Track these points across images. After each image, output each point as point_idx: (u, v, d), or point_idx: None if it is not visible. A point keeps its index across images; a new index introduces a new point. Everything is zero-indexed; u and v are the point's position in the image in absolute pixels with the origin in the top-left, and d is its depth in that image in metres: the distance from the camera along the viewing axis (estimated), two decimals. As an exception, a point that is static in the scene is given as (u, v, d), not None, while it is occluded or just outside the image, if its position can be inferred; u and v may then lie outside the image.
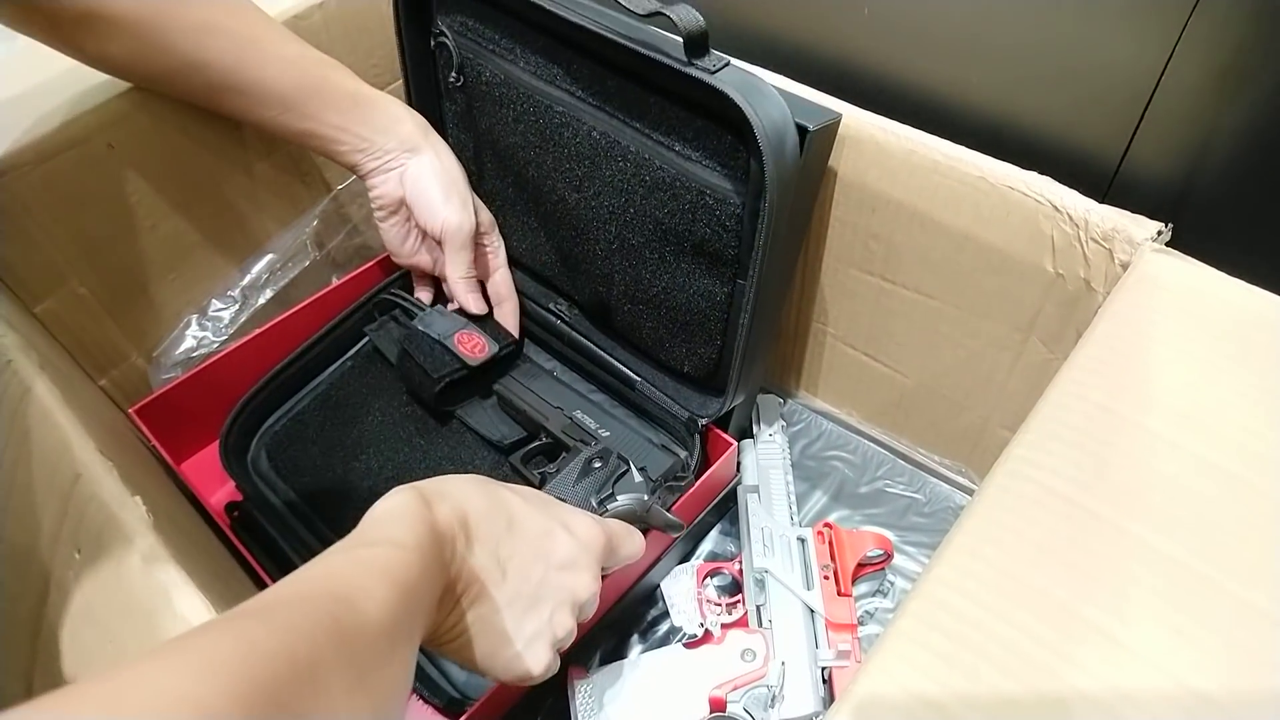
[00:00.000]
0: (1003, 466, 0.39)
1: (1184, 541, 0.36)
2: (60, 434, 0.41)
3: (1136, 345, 0.43)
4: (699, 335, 0.60)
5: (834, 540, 0.63)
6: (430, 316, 0.69)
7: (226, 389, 0.69)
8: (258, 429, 0.71)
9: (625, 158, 0.56)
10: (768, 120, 0.46)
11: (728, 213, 0.52)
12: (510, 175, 0.67)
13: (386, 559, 0.34)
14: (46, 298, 0.62)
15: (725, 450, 0.63)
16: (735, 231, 0.52)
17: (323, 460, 0.69)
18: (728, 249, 0.53)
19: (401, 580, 0.33)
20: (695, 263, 0.56)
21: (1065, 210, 0.51)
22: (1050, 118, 0.66)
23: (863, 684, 0.33)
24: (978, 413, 0.66)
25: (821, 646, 0.58)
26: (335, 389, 0.73)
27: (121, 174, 0.63)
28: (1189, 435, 0.39)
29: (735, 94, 0.45)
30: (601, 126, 0.57)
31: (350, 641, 0.30)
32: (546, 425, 0.65)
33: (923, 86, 0.70)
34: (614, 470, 0.55)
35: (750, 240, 0.51)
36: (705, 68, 0.47)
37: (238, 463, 0.68)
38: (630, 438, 0.63)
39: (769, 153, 0.46)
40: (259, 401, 0.70)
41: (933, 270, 0.60)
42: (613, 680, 0.58)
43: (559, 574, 0.43)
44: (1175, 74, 0.58)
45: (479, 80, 0.64)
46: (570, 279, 0.69)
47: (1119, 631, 0.33)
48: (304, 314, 0.73)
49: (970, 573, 0.36)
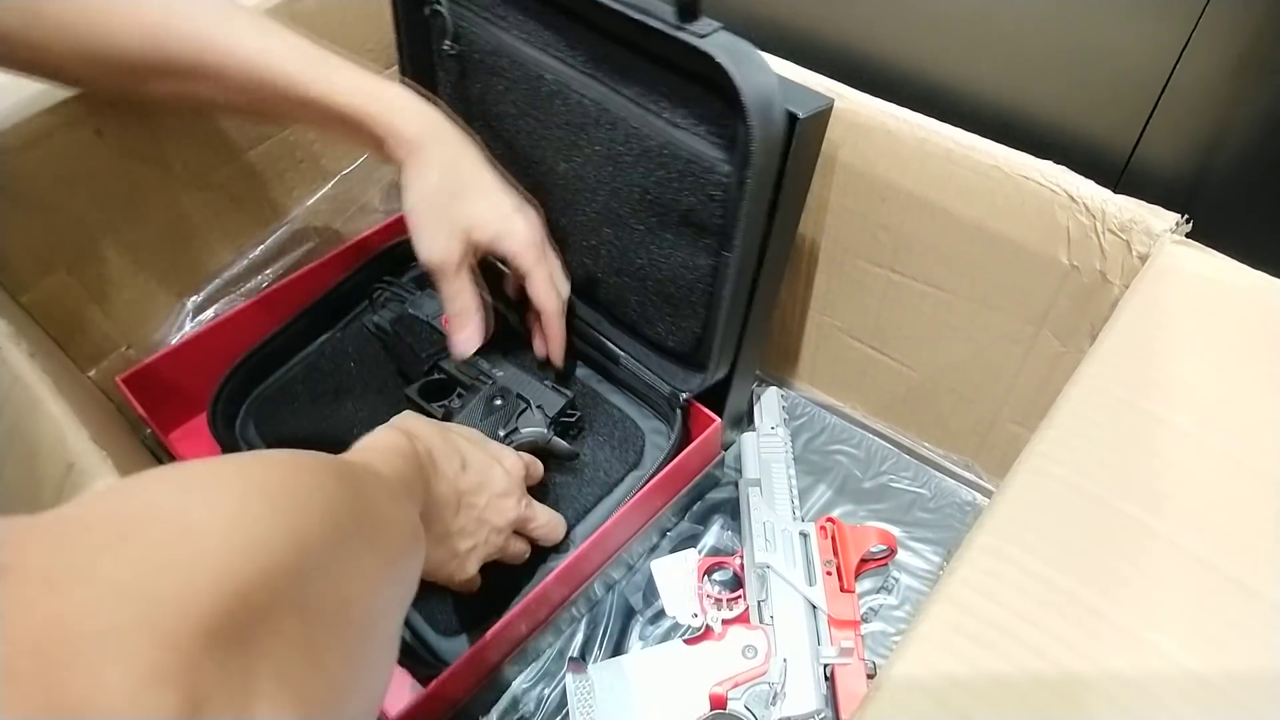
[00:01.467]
0: (1025, 464, 0.38)
1: (1214, 542, 0.35)
2: (52, 424, 0.40)
3: (1159, 339, 0.42)
4: (683, 308, 0.59)
5: (837, 535, 0.62)
6: (420, 299, 0.73)
7: (215, 360, 0.68)
8: (246, 397, 0.70)
9: (614, 125, 0.55)
10: (753, 86, 0.45)
11: (714, 182, 0.51)
12: (501, 145, 0.65)
13: (388, 461, 0.41)
14: (33, 287, 0.61)
15: (708, 427, 0.63)
16: (722, 202, 0.51)
17: (310, 430, 0.68)
18: (713, 219, 0.53)
19: (403, 474, 0.41)
20: (681, 233, 0.56)
21: (1081, 200, 0.50)
22: (1060, 106, 0.65)
23: (883, 689, 0.32)
24: (987, 407, 0.65)
25: (824, 643, 0.57)
26: (325, 360, 0.72)
27: (110, 161, 0.62)
28: (1215, 431, 0.38)
29: (723, 57, 0.44)
30: (592, 94, 0.56)
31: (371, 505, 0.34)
32: (441, 364, 0.68)
33: (929, 72, 0.68)
34: (515, 407, 0.63)
35: (736, 213, 0.50)
36: (695, 32, 0.45)
37: (226, 430, 0.67)
38: (522, 378, 0.65)
39: (755, 119, 0.45)
40: (248, 370, 0.69)
41: (943, 262, 0.59)
42: (611, 676, 0.57)
43: (498, 500, 0.51)
44: (1190, 61, 0.57)
45: (472, 48, 0.62)
46: (557, 251, 0.68)
47: (1148, 635, 0.32)
48: (295, 285, 0.72)
49: (994, 573, 0.35)
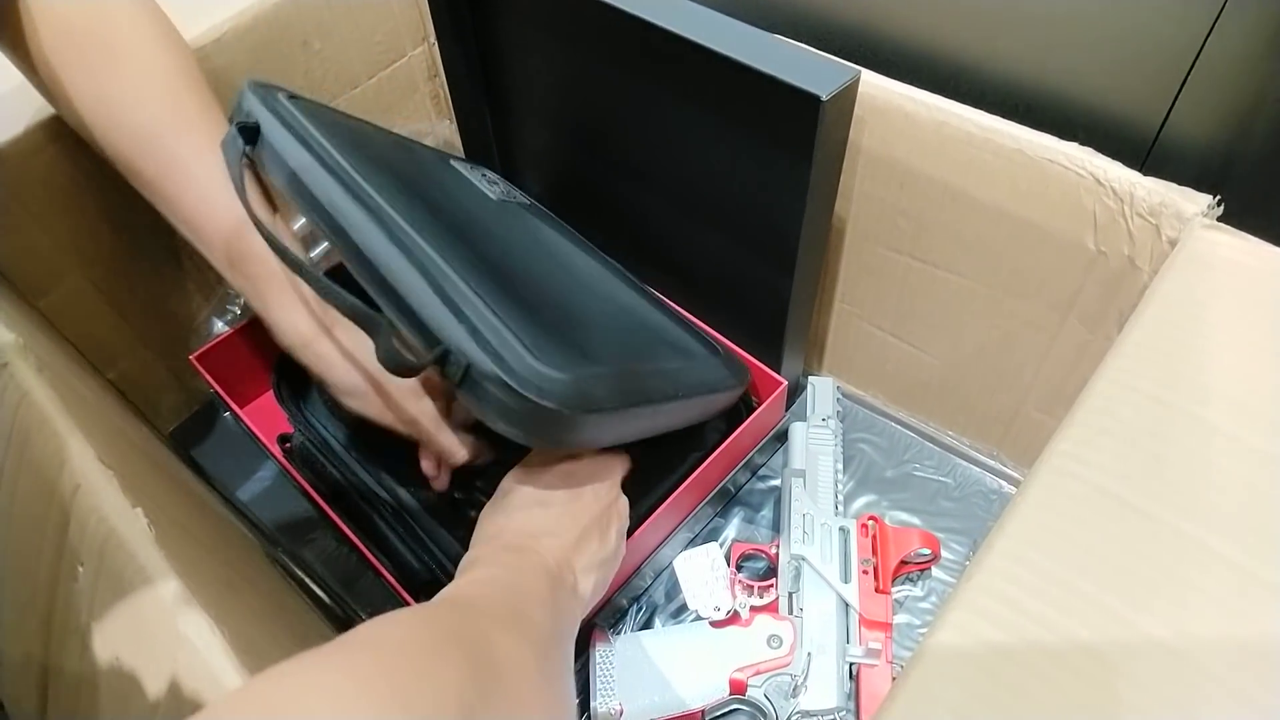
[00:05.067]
0: (1046, 463, 0.37)
1: (1245, 544, 0.33)
2: (58, 442, 0.40)
3: (1188, 329, 0.40)
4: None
5: (878, 535, 0.61)
6: None
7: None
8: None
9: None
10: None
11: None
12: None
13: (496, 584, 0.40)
14: (50, 291, 0.61)
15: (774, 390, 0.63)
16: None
17: None
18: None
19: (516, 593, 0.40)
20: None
21: (1108, 184, 0.48)
22: (1085, 84, 0.62)
23: (898, 699, 0.31)
24: (1011, 395, 0.63)
25: (852, 642, 0.56)
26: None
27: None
28: (1248, 428, 0.36)
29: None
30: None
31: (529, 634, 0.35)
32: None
33: (948, 52, 0.66)
34: None
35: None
36: None
37: (292, 401, 0.67)
38: None
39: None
40: None
41: (965, 248, 0.57)
42: (634, 648, 0.57)
43: (612, 521, 0.49)
44: (1221, 35, 0.55)
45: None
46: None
47: (1175, 641, 0.31)
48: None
49: (1014, 578, 0.33)
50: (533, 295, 0.50)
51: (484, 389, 0.41)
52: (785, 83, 0.45)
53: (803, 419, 0.67)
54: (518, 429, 0.42)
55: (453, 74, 0.70)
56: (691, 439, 0.63)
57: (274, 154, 0.50)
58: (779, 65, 0.46)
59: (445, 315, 0.42)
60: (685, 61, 0.50)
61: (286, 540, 0.67)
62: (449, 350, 0.41)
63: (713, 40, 0.47)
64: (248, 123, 0.50)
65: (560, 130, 0.68)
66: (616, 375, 0.47)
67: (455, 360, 0.41)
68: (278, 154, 0.50)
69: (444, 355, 0.41)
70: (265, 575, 0.60)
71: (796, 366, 0.67)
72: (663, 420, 0.54)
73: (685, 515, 0.62)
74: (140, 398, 0.70)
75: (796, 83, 0.45)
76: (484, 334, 0.42)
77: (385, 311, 0.44)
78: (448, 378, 0.41)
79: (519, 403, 0.40)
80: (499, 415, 0.41)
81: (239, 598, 0.43)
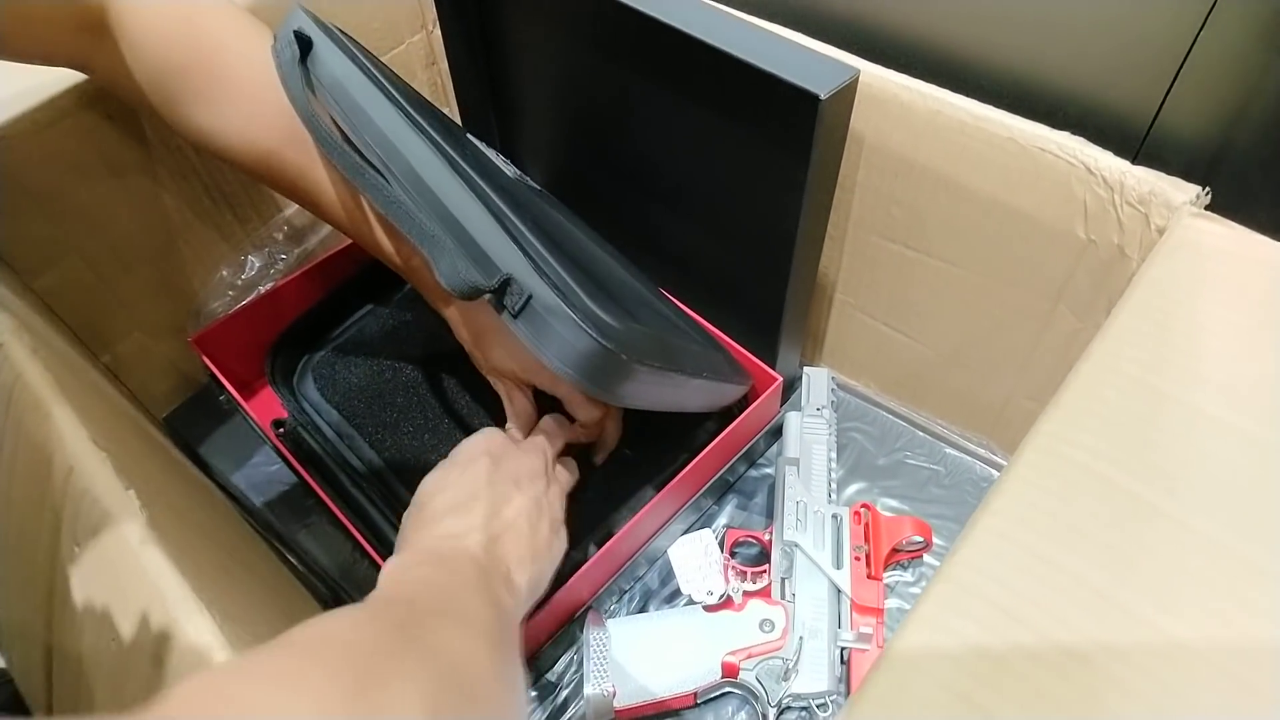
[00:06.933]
0: (1032, 443, 0.37)
1: (1229, 524, 0.34)
2: (53, 424, 0.40)
3: (1175, 314, 0.41)
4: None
5: (871, 522, 0.61)
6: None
7: (280, 319, 0.70)
8: (304, 352, 0.70)
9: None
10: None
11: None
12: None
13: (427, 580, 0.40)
14: (46, 272, 0.61)
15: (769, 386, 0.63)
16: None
17: (368, 386, 0.68)
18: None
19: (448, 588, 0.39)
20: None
21: (1099, 173, 0.49)
22: (1078, 74, 0.63)
23: (882, 670, 0.32)
24: (1002, 384, 0.64)
25: (844, 627, 0.56)
26: (379, 319, 0.72)
27: (121, 144, 0.62)
28: (1233, 410, 0.37)
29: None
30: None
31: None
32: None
33: (942, 42, 0.67)
34: None
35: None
36: None
37: (285, 385, 0.67)
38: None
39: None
40: (306, 328, 0.70)
41: (958, 237, 0.58)
42: (628, 631, 0.57)
43: (542, 513, 0.48)
44: (1215, 27, 0.55)
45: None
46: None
47: (1160, 619, 0.32)
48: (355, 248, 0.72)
49: (999, 555, 0.34)
50: (577, 252, 0.51)
51: (544, 321, 0.41)
52: (784, 80, 0.45)
53: (797, 408, 0.68)
54: (573, 368, 0.42)
55: (455, 61, 0.70)
56: (684, 439, 0.64)
57: (329, 74, 0.48)
58: (778, 62, 0.45)
59: (509, 245, 0.43)
60: (684, 56, 0.50)
61: (281, 525, 0.67)
62: (511, 278, 0.42)
63: (711, 35, 0.47)
64: (303, 33, 0.49)
65: (559, 122, 0.69)
66: (659, 339, 0.48)
67: (516, 290, 0.42)
68: (333, 74, 0.48)
69: (506, 282, 0.42)
70: (261, 560, 0.61)
71: (793, 363, 0.67)
72: (685, 396, 0.54)
73: (679, 508, 0.63)
74: (136, 382, 0.70)
75: (796, 81, 0.45)
76: (545, 270, 0.42)
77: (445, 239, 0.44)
78: (504, 307, 0.42)
79: (581, 339, 0.40)
80: (556, 351, 0.41)
81: (232, 581, 0.43)
